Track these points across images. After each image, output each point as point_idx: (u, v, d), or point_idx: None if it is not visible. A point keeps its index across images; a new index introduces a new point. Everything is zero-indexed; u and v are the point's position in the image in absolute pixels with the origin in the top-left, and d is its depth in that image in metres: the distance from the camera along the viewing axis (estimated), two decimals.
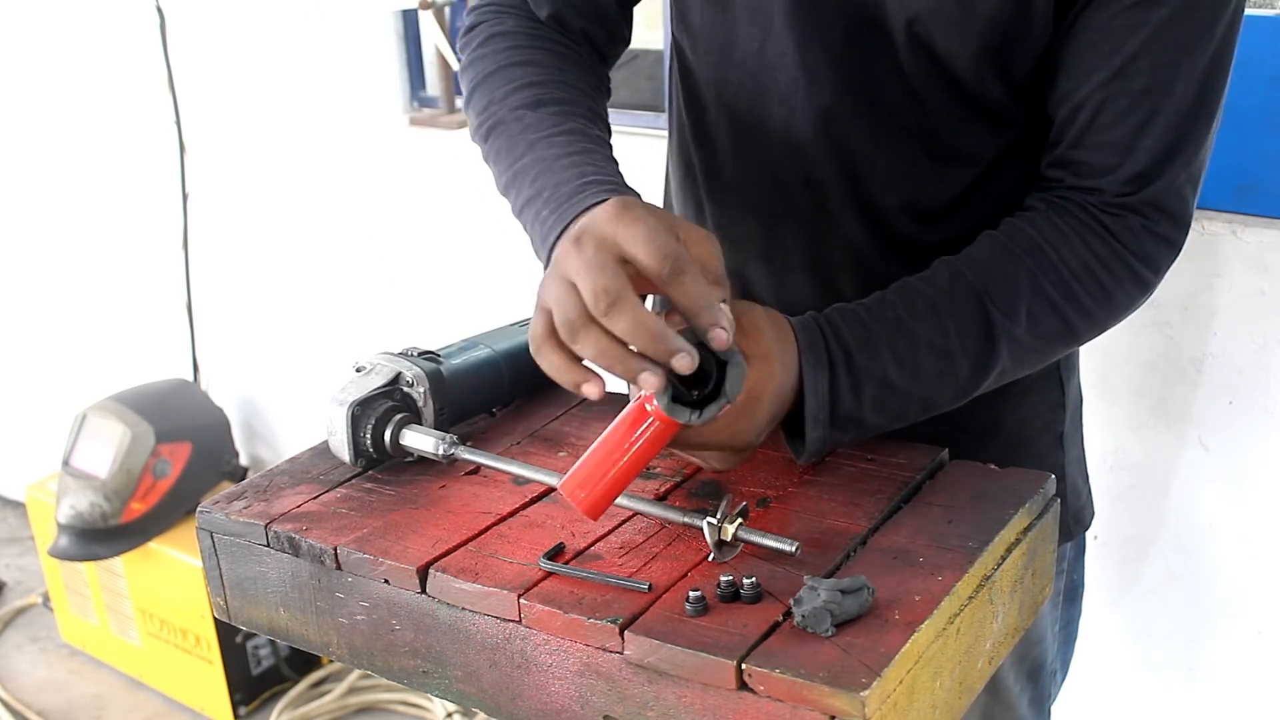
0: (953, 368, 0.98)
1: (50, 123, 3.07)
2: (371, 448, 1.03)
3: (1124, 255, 0.99)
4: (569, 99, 1.06)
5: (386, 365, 1.07)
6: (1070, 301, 0.99)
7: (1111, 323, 1.03)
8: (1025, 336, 0.99)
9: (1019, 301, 0.98)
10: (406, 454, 1.05)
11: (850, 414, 0.96)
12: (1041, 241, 0.99)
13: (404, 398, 1.06)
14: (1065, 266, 0.98)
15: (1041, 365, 1.05)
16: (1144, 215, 0.99)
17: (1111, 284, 1.00)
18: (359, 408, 1.02)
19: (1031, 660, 1.27)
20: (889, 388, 0.97)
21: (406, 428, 1.03)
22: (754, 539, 0.88)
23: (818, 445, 0.97)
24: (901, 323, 0.98)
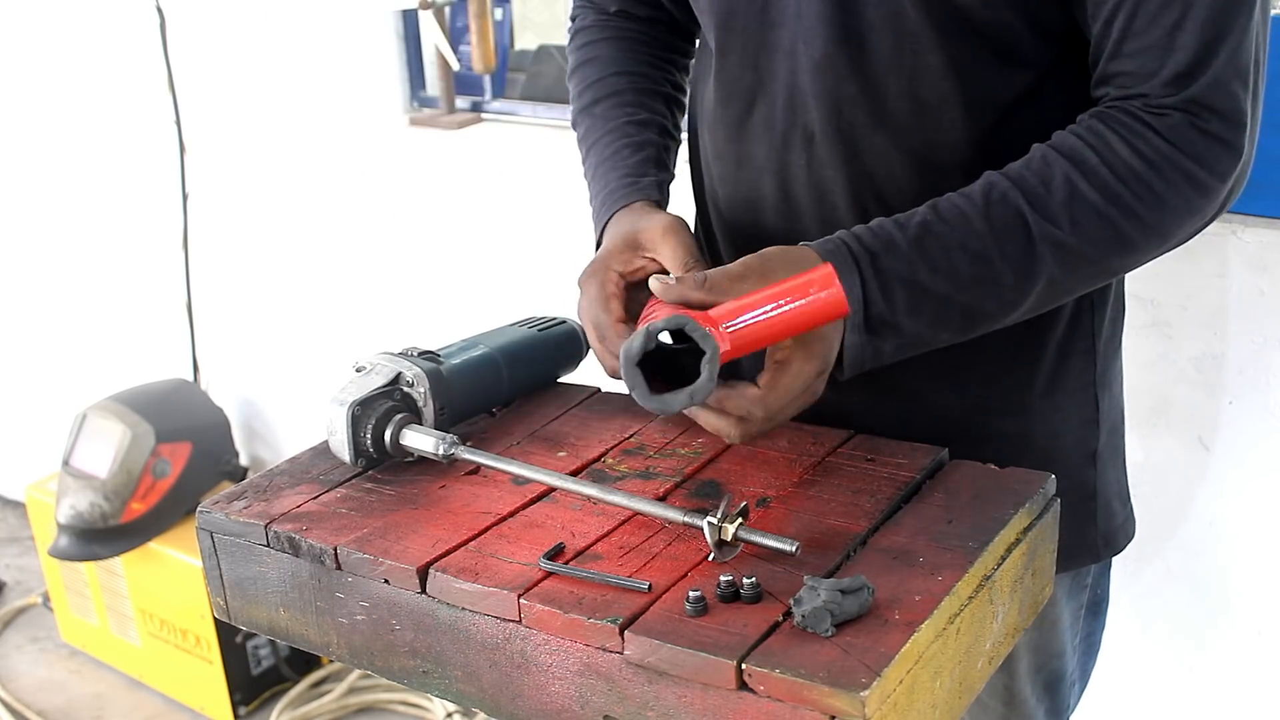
0: (992, 273, 0.96)
1: (50, 123, 3.07)
2: (372, 448, 1.03)
3: (1173, 155, 0.95)
4: (619, 89, 1.23)
5: (386, 365, 1.07)
6: (1116, 205, 0.95)
7: (1174, 230, 0.98)
8: (1071, 241, 0.96)
9: (1057, 204, 0.96)
10: (407, 454, 1.05)
11: (883, 317, 0.95)
12: (1082, 146, 0.97)
13: (404, 398, 1.06)
14: (1108, 168, 0.95)
15: (1103, 278, 1.02)
16: (1191, 114, 0.95)
17: (1162, 186, 0.95)
18: (359, 408, 1.02)
19: (1050, 672, 1.26)
20: (922, 290, 0.96)
21: (407, 428, 1.04)
22: (754, 539, 0.88)
23: (855, 353, 0.96)
24: (928, 226, 0.97)
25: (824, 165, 1.09)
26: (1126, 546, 1.25)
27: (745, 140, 1.13)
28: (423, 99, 2.45)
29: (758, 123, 1.12)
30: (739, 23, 1.10)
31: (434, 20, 2.26)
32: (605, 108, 1.22)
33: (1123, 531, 1.24)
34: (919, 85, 1.04)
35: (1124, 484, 1.26)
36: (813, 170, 1.10)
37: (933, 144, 1.06)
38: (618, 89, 1.23)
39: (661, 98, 1.25)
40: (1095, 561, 1.23)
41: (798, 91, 1.08)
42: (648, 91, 1.24)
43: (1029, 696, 1.25)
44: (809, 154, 1.09)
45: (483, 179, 2.33)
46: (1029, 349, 1.12)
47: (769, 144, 1.11)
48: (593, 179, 1.20)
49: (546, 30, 3.10)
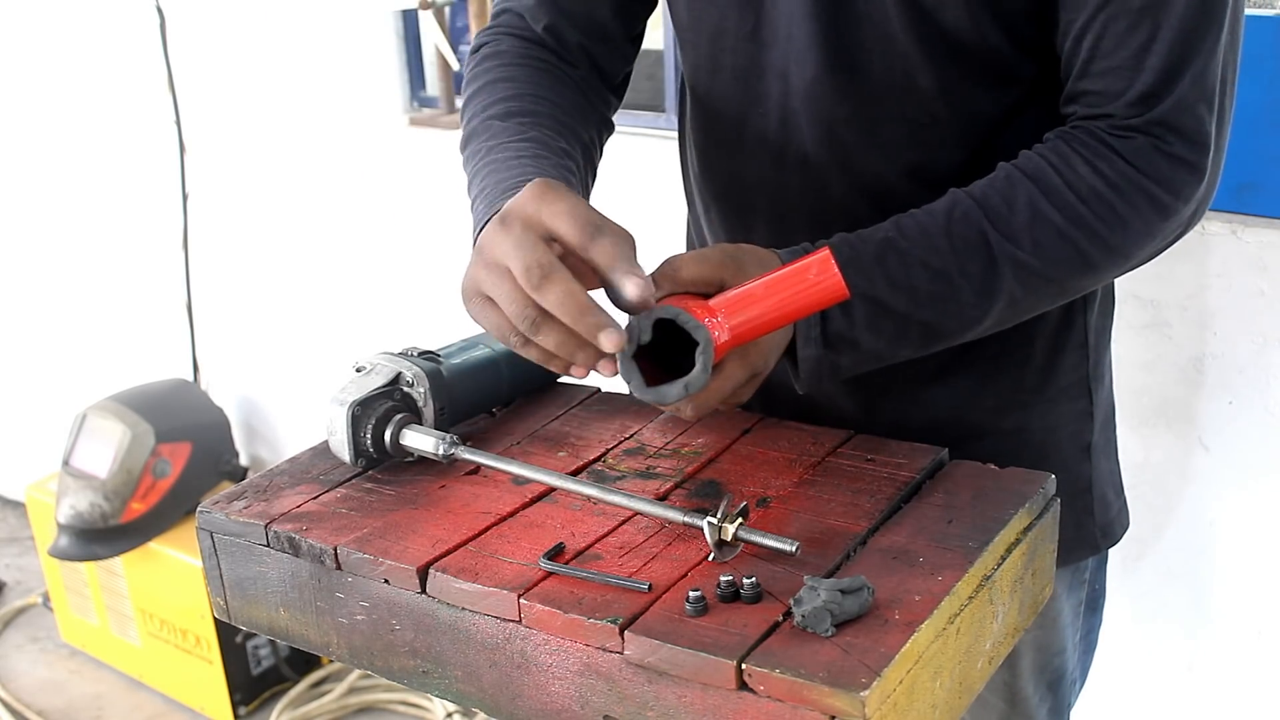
0: (953, 291, 0.96)
1: (51, 123, 3.07)
2: (371, 448, 1.03)
3: (1134, 177, 0.96)
4: (540, 111, 1.09)
5: (386, 365, 1.07)
6: (1078, 226, 0.96)
7: (1135, 252, 0.99)
8: (1032, 261, 0.96)
9: (1019, 224, 0.96)
10: (407, 454, 1.05)
11: (841, 333, 0.96)
12: (1045, 166, 0.97)
13: (404, 398, 1.06)
14: (1071, 190, 0.96)
15: (1063, 297, 1.02)
16: (1154, 135, 0.96)
17: (1124, 208, 0.96)
18: (359, 408, 1.02)
19: (1052, 670, 1.26)
20: (881, 306, 0.96)
21: (407, 428, 1.03)
22: (754, 539, 0.88)
23: (811, 366, 0.96)
24: (891, 243, 0.97)
25: (817, 185, 1.10)
26: (1123, 537, 1.26)
27: (738, 159, 1.14)
28: (423, 99, 2.46)
29: (750, 142, 1.12)
30: (729, 43, 1.10)
31: (434, 20, 2.26)
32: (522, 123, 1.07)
33: (1119, 522, 1.26)
34: (910, 106, 1.04)
35: (1117, 475, 1.27)
36: (806, 189, 1.10)
37: (925, 162, 1.07)
38: (536, 110, 1.09)
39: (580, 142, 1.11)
40: (1094, 553, 1.24)
41: (790, 112, 1.08)
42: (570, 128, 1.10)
43: (1031, 695, 1.26)
44: (803, 174, 1.10)
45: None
46: (1023, 345, 1.13)
47: (762, 163, 1.12)
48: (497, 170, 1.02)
49: None
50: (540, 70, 1.14)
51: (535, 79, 1.13)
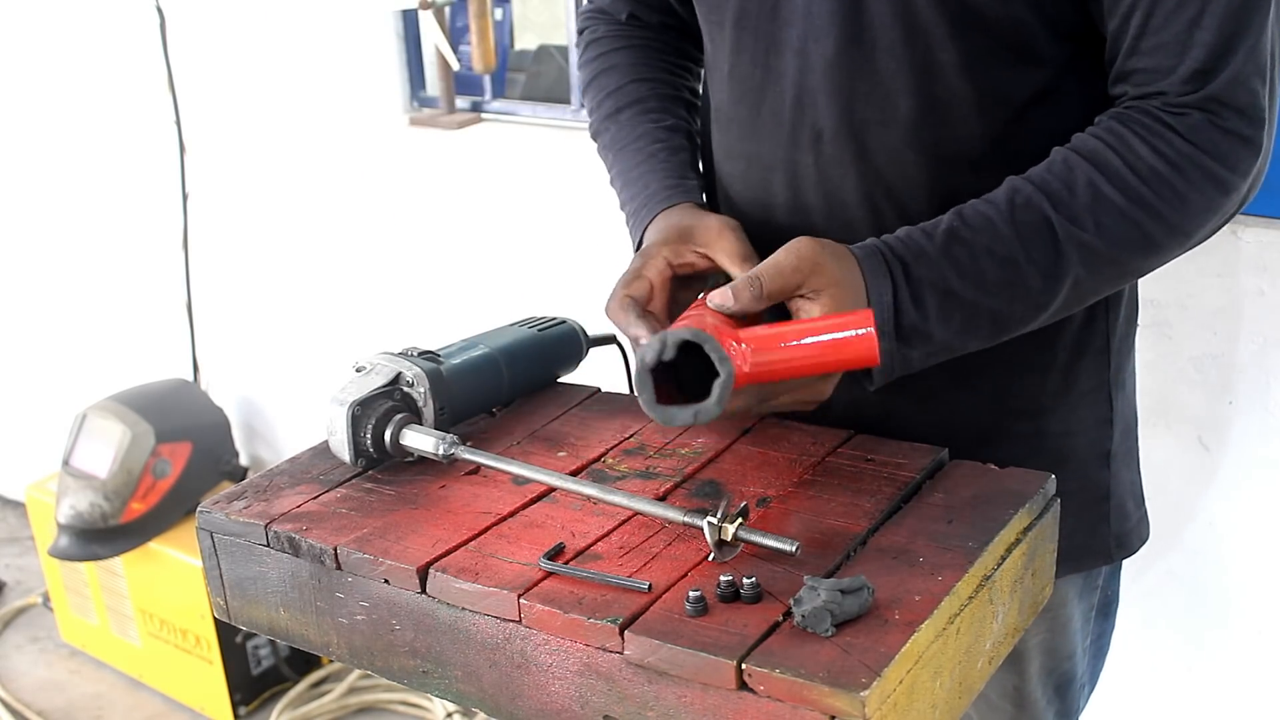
0: (1020, 277, 0.97)
1: (51, 123, 3.07)
2: (372, 448, 1.03)
3: (1193, 154, 0.95)
4: (642, 96, 1.24)
5: (386, 365, 1.07)
6: (1140, 206, 0.96)
7: (1196, 230, 0.99)
8: (1096, 242, 0.96)
9: (1081, 207, 0.96)
10: (407, 454, 1.05)
11: (915, 326, 0.96)
12: (1102, 147, 0.97)
13: (404, 398, 1.06)
14: (1131, 171, 0.96)
15: (1124, 279, 1.03)
16: (1210, 111, 0.95)
17: (1184, 186, 0.96)
18: (359, 408, 1.02)
19: (1061, 674, 1.26)
20: (952, 297, 0.96)
21: (407, 428, 1.04)
22: (754, 539, 0.88)
23: (888, 360, 0.97)
24: (955, 233, 0.97)
25: (833, 163, 1.09)
26: (1140, 548, 1.25)
27: (755, 139, 1.13)
28: (423, 99, 2.46)
29: (767, 121, 1.12)
30: (750, 22, 1.10)
31: (434, 20, 2.26)
32: (631, 114, 1.24)
33: (1136, 533, 1.24)
34: (930, 82, 1.04)
35: (1138, 485, 1.25)
36: (821, 168, 1.09)
37: (944, 141, 1.06)
38: (640, 96, 1.24)
39: (682, 103, 1.26)
40: (1108, 563, 1.23)
41: (806, 90, 1.08)
42: (669, 98, 1.25)
43: (1039, 698, 1.25)
44: (817, 152, 1.09)
45: (483, 179, 2.33)
46: (1044, 349, 1.12)
47: (777, 142, 1.11)
48: (627, 182, 1.20)
49: (546, 30, 3.10)
50: (636, 48, 1.28)
51: (634, 60, 1.27)
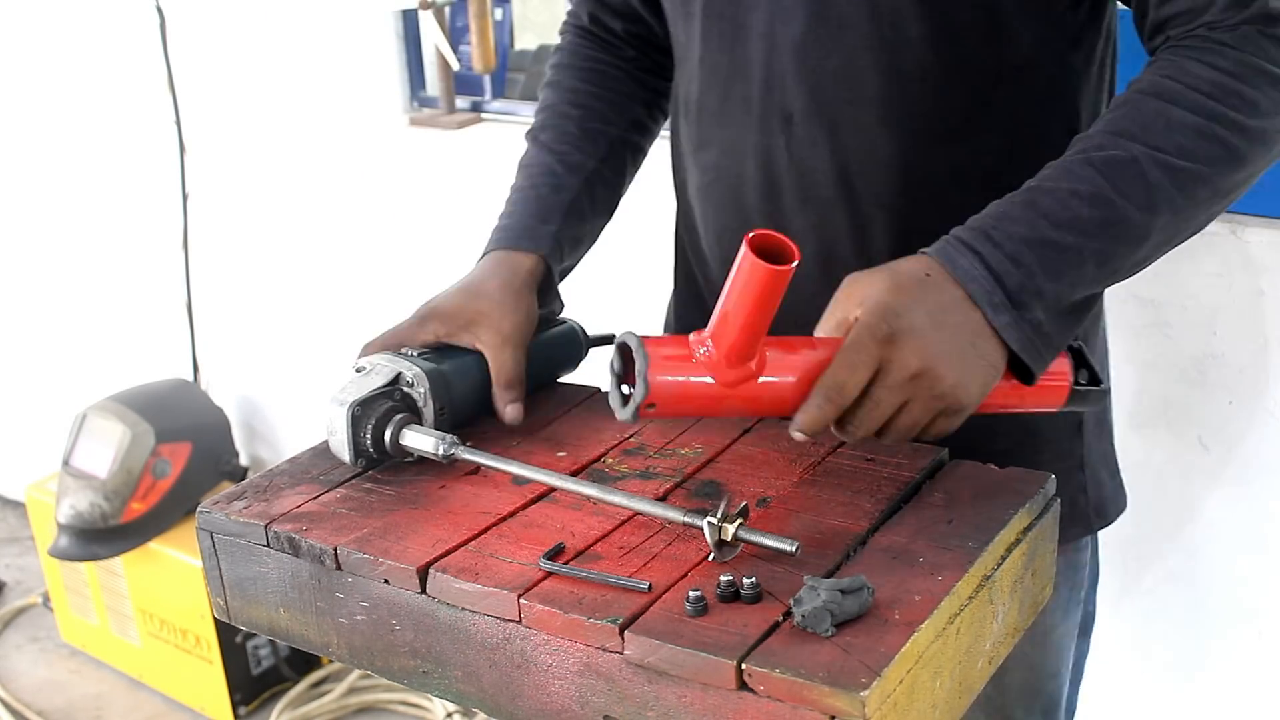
0: (1116, 212, 0.93)
1: (51, 123, 3.07)
2: (371, 448, 1.03)
3: (1250, 60, 0.95)
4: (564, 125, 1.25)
5: (386, 365, 1.07)
6: (1214, 119, 0.94)
7: (1273, 134, 0.97)
8: (1181, 163, 0.94)
9: (1158, 133, 0.94)
10: (407, 454, 1.05)
11: (1024, 285, 0.92)
12: (1160, 79, 0.96)
13: (404, 398, 1.06)
14: (1194, 91, 0.95)
15: (1219, 200, 0.99)
16: (1259, 24, 0.95)
17: (1250, 90, 0.94)
18: (359, 408, 1.02)
19: (1046, 696, 1.25)
20: (1050, 246, 0.92)
21: (406, 428, 1.03)
22: (754, 539, 0.88)
23: (1016, 334, 0.92)
24: (1034, 188, 0.95)
25: (804, 145, 1.09)
26: (1118, 518, 1.26)
27: (726, 126, 1.14)
28: (423, 99, 2.45)
29: (736, 107, 1.12)
30: (717, 8, 1.10)
31: (434, 20, 2.26)
32: (548, 138, 1.24)
33: (1113, 502, 1.25)
34: (899, 59, 1.04)
35: (1112, 455, 1.26)
36: (793, 151, 1.10)
37: (915, 116, 1.06)
38: (563, 123, 1.25)
39: (607, 140, 1.25)
40: (1088, 532, 1.24)
41: (774, 74, 1.08)
42: (594, 133, 1.24)
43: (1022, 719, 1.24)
44: (788, 135, 1.09)
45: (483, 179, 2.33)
46: None
47: (748, 127, 1.12)
48: (508, 200, 1.23)
49: (546, 30, 3.10)
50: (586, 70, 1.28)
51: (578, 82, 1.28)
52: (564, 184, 1.20)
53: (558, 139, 1.24)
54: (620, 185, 1.27)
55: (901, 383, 0.90)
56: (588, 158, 1.23)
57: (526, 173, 1.23)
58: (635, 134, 1.29)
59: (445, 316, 1.11)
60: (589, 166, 1.22)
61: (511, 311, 1.11)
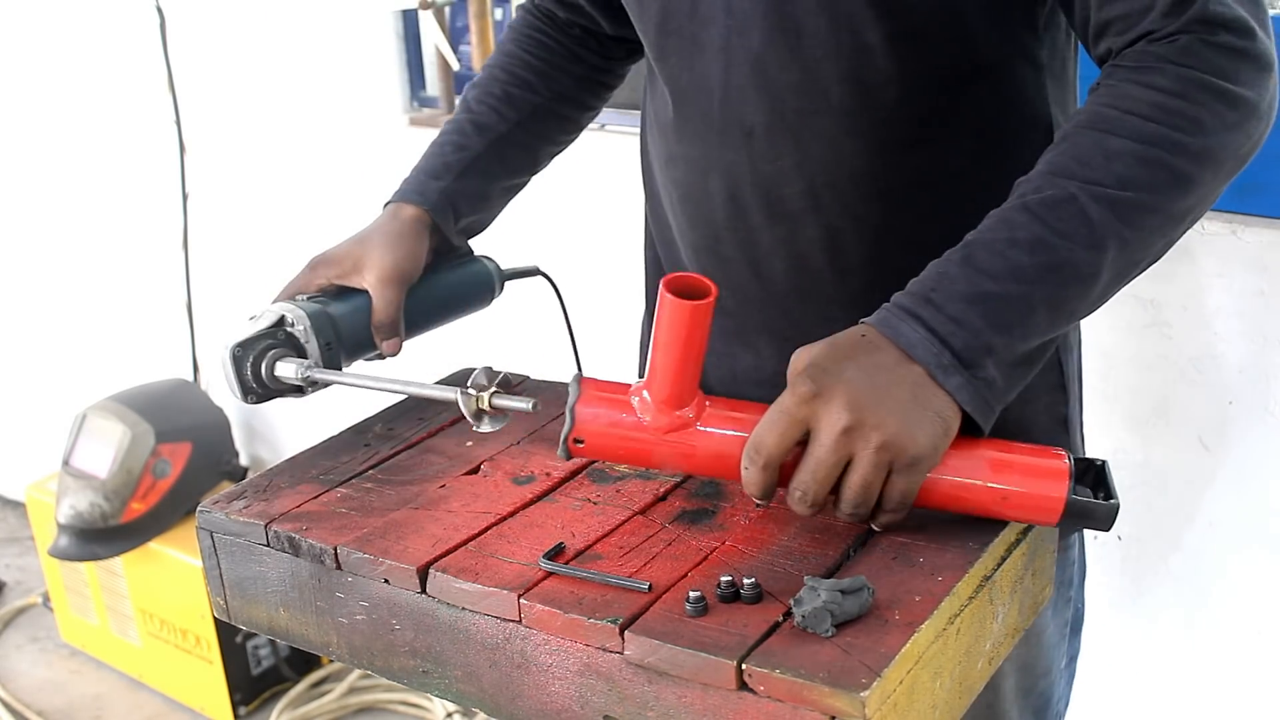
0: (1058, 255, 0.89)
1: (51, 123, 3.07)
2: (255, 383, 1.11)
3: (1191, 75, 0.90)
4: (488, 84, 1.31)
5: (273, 311, 1.15)
6: (1154, 144, 0.90)
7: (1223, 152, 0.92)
8: (1123, 194, 0.89)
9: (1096, 167, 0.90)
10: (285, 385, 1.12)
11: (970, 344, 0.88)
12: (1098, 108, 0.93)
13: (288, 338, 1.13)
14: (1133, 115, 0.91)
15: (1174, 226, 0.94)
16: (1199, 33, 0.91)
17: (1192, 108, 0.90)
18: (240, 349, 1.11)
19: (1038, 695, 1.24)
20: (994, 300, 0.89)
21: (279, 361, 1.11)
22: (506, 404, 0.96)
23: (969, 393, 0.88)
24: (970, 243, 0.92)
25: (766, 159, 1.08)
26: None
27: (688, 142, 1.14)
28: (423, 99, 2.45)
29: (697, 124, 1.12)
30: (674, 24, 1.10)
31: (434, 20, 2.26)
32: (472, 96, 1.31)
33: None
34: (860, 67, 1.02)
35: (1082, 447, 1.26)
36: (756, 165, 1.09)
37: (879, 124, 1.05)
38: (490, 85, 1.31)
39: (530, 105, 1.30)
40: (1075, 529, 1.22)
41: (733, 88, 1.08)
42: (515, 97, 1.30)
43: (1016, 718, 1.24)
44: (749, 150, 1.09)
45: None
46: None
47: (709, 143, 1.11)
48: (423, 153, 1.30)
49: None
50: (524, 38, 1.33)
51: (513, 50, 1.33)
52: (468, 144, 1.27)
53: (479, 98, 1.30)
54: (540, 148, 1.32)
55: (835, 439, 0.86)
56: (501, 119, 1.28)
57: (443, 130, 1.30)
58: (562, 105, 1.33)
59: (333, 262, 1.20)
60: (500, 129, 1.28)
61: (391, 253, 1.18)
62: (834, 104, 1.04)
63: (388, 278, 1.17)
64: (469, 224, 1.28)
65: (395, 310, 1.18)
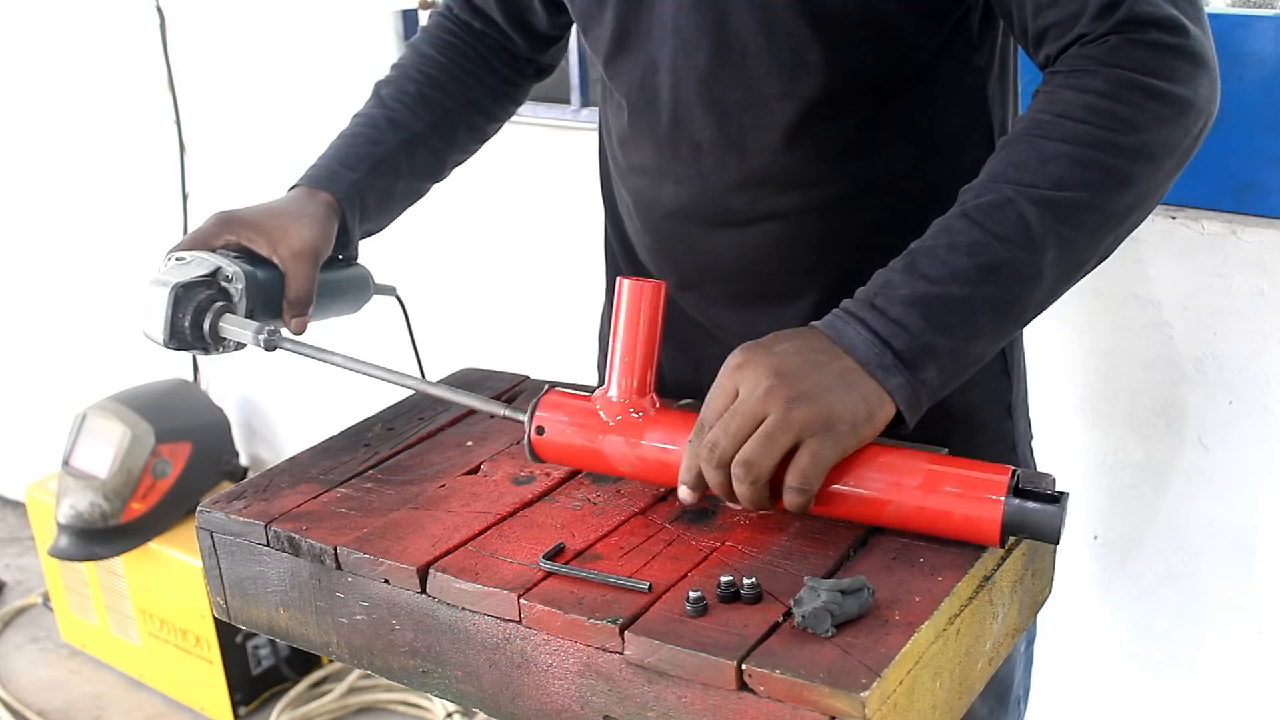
0: (996, 256, 0.90)
1: (51, 123, 3.07)
2: (188, 331, 1.07)
3: (1120, 76, 0.91)
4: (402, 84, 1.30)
5: (206, 259, 1.11)
6: (1088, 145, 0.91)
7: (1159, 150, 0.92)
8: (1058, 194, 0.91)
9: (1031, 170, 0.91)
10: (221, 341, 1.08)
11: (911, 345, 0.89)
12: (1034, 114, 0.94)
13: (221, 291, 1.10)
14: (1065, 118, 0.92)
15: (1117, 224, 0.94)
16: (1127, 33, 0.92)
17: (1123, 108, 0.91)
18: (182, 289, 1.06)
19: (998, 682, 1.24)
20: (935, 302, 0.90)
21: (223, 317, 1.08)
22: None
23: (907, 393, 0.89)
24: (914, 250, 0.93)
25: (715, 173, 1.11)
26: None
27: (641, 152, 1.17)
28: None
29: (649, 139, 1.15)
30: (627, 43, 1.13)
31: None
32: (386, 93, 1.30)
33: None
34: (801, 84, 1.05)
35: (1030, 434, 1.27)
36: (704, 179, 1.12)
37: (822, 136, 1.07)
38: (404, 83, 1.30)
39: (442, 108, 1.30)
40: None
41: (683, 105, 1.10)
42: (430, 98, 1.30)
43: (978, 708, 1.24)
44: (698, 164, 1.12)
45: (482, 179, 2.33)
46: None
47: (662, 157, 1.15)
48: (330, 143, 1.28)
49: None
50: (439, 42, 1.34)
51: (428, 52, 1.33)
52: (382, 138, 1.25)
53: (394, 95, 1.29)
54: (447, 154, 1.33)
55: (754, 395, 0.88)
56: (415, 118, 1.28)
57: (354, 122, 1.28)
58: (473, 112, 1.34)
59: (245, 224, 1.16)
60: (415, 128, 1.27)
61: (308, 230, 1.16)
62: (777, 121, 1.07)
63: (305, 253, 1.15)
64: (370, 224, 1.28)
65: (311, 287, 1.16)
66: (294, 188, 1.23)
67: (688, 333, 1.22)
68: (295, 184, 1.23)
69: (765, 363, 0.89)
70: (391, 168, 1.26)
